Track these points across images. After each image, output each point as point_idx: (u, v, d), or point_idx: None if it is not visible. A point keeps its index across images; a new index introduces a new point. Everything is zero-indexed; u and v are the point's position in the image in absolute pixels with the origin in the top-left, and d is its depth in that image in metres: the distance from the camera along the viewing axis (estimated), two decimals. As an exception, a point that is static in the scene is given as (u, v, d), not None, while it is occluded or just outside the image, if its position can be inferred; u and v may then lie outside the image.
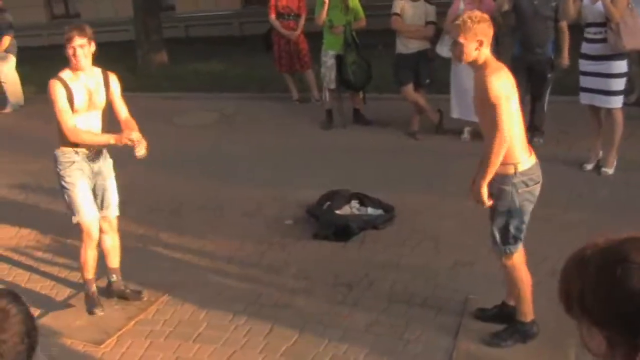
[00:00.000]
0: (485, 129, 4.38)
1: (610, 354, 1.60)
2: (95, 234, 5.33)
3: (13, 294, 1.94)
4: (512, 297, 4.79)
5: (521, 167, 4.29)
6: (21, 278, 6.15)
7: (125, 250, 5.95)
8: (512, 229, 4.40)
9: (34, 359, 1.92)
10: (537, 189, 4.40)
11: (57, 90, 4.98)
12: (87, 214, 5.25)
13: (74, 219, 5.28)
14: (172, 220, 7.12)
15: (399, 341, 4.81)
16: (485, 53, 4.24)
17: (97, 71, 5.20)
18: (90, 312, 5.41)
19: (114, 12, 18.12)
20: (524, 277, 4.56)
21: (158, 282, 5.88)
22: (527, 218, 4.45)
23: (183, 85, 12.83)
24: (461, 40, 4.22)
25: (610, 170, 7.27)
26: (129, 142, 5.06)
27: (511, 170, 4.28)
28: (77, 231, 5.42)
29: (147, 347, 5.01)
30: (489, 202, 4.36)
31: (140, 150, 5.12)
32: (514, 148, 4.26)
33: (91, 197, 5.28)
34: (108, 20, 17.53)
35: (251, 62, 13.28)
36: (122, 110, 5.35)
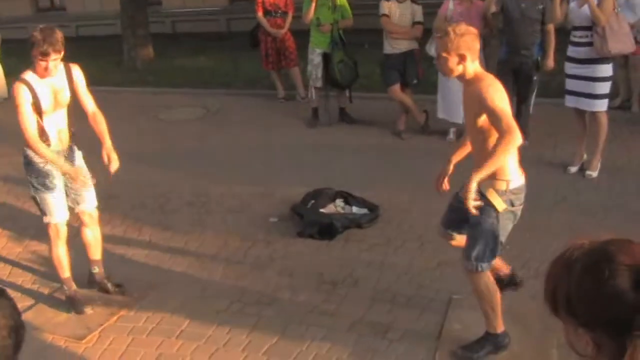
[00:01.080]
0: (477, 141, 4.26)
1: (597, 355, 1.60)
2: (63, 233, 5.30)
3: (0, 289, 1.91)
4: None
5: (512, 185, 4.17)
6: (2, 272, 6.10)
7: (109, 245, 5.93)
8: (489, 246, 4.29)
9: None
10: (519, 211, 4.29)
11: (21, 94, 4.84)
12: (57, 215, 5.22)
13: (45, 219, 5.25)
14: (157, 216, 7.09)
15: (382, 340, 4.81)
16: (472, 67, 4.13)
17: (60, 67, 5.03)
18: (79, 312, 5.35)
19: (100, 5, 18.02)
20: (492, 291, 4.45)
21: (141, 278, 5.85)
22: (504, 239, 4.35)
23: (169, 80, 12.78)
24: (444, 54, 4.11)
25: (594, 174, 7.30)
26: (81, 184, 5.11)
27: (503, 186, 4.15)
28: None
29: (130, 343, 4.98)
30: (475, 203, 4.08)
31: (114, 166, 5.20)
32: (509, 164, 4.14)
33: (62, 196, 5.22)
34: (94, 14, 17.44)
35: (237, 58, 13.26)
36: (89, 104, 5.24)
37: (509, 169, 4.17)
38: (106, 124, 5.26)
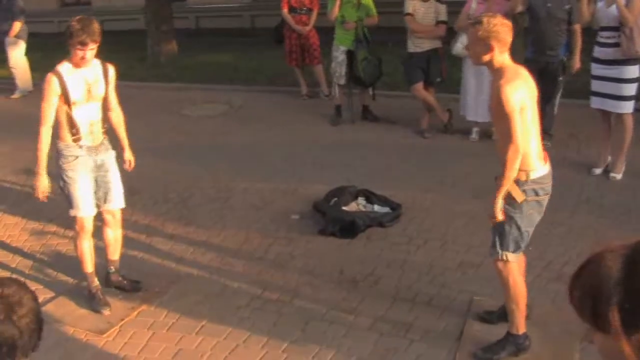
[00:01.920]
0: (499, 135, 4.35)
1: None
2: (89, 227, 5.34)
3: (17, 282, 1.96)
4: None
5: (533, 175, 4.20)
6: (25, 265, 6.14)
7: (131, 240, 5.95)
8: (513, 235, 4.31)
9: None
10: (545, 200, 4.32)
11: (50, 86, 4.96)
12: (84, 209, 5.25)
13: (72, 212, 5.29)
14: (179, 211, 7.11)
15: (402, 340, 4.79)
16: (500, 59, 4.18)
17: (96, 62, 5.15)
18: (97, 311, 5.35)
19: (125, 0, 18.09)
20: (519, 288, 4.45)
21: (162, 273, 5.87)
22: (531, 229, 4.37)
23: (192, 76, 12.81)
24: (474, 42, 4.20)
25: (618, 176, 7.23)
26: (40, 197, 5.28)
27: (523, 177, 4.20)
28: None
29: (150, 338, 5.00)
30: (501, 217, 4.23)
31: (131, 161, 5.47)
32: (528, 155, 4.18)
33: (91, 192, 5.26)
34: (119, 8, 17.54)
35: (261, 55, 13.26)
36: (113, 100, 5.37)
37: (530, 159, 4.21)
38: (129, 119, 5.35)
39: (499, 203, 4.19)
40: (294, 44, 10.62)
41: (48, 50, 13.36)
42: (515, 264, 4.42)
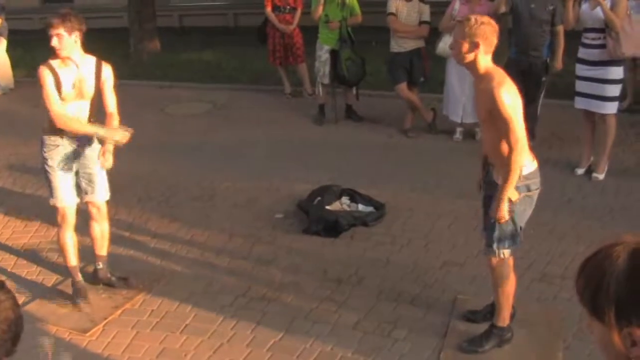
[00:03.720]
0: (489, 136, 4.34)
1: None
2: (71, 218, 5.32)
3: (0, 282, 1.91)
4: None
5: (524, 171, 4.24)
6: (7, 264, 6.10)
7: (114, 238, 5.92)
8: (509, 232, 4.36)
9: (58, 357, 1.91)
10: (536, 195, 4.38)
11: (45, 75, 4.97)
12: (64, 198, 5.24)
13: (51, 202, 5.29)
14: (162, 209, 7.08)
15: (386, 339, 4.80)
16: (484, 60, 4.18)
17: (91, 60, 5.15)
18: (74, 303, 5.35)
19: (109, -2, 17.99)
20: (510, 283, 4.52)
21: (146, 272, 5.85)
22: (523, 225, 4.43)
23: (175, 74, 12.76)
24: (458, 39, 4.20)
25: (601, 176, 7.28)
26: (115, 141, 5.13)
27: None
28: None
29: (133, 337, 4.98)
30: (508, 217, 4.28)
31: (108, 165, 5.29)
32: None
33: (71, 182, 5.26)
34: (102, 6, 17.40)
35: (245, 53, 13.23)
36: (110, 103, 5.31)
37: None
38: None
39: (505, 204, 4.22)
40: (277, 43, 10.59)
41: (29, 48, 13.29)
42: (509, 260, 4.48)
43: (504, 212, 4.24)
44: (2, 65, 12.16)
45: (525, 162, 4.24)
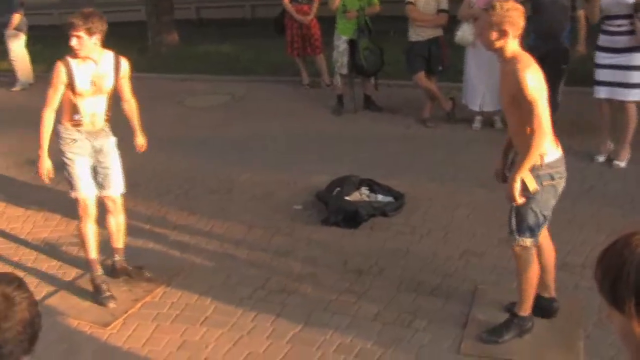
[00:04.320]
0: (512, 121, 4.31)
1: None
2: (91, 210, 5.34)
3: (18, 280, 1.92)
4: (544, 290, 4.72)
5: (547, 159, 4.19)
6: (28, 258, 6.14)
7: (133, 232, 5.94)
8: (529, 220, 4.31)
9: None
10: (561, 184, 4.32)
11: (58, 74, 5.01)
12: (83, 189, 5.26)
13: (72, 194, 5.32)
14: (181, 202, 7.10)
15: (406, 330, 4.78)
16: (512, 45, 4.15)
17: (109, 56, 5.17)
18: (102, 304, 5.31)
19: (126, -8, 18.02)
20: (534, 272, 4.47)
21: (165, 264, 5.86)
22: (548, 213, 4.36)
23: (193, 67, 12.78)
24: (487, 28, 4.15)
25: (622, 164, 7.21)
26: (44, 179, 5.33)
27: (537, 161, 4.19)
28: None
29: (154, 330, 4.99)
30: (520, 200, 4.23)
31: (141, 144, 5.64)
32: None
33: (89, 174, 5.29)
34: (120, 0, 17.44)
35: (262, 45, 13.22)
36: (127, 91, 5.41)
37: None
38: None
39: (518, 185, 4.18)
40: (295, 34, 10.57)
41: (48, 43, 13.35)
42: (531, 248, 4.42)
43: (516, 192, 4.19)
44: (21, 61, 12.24)
45: (548, 150, 4.19)
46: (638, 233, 1.63)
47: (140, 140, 5.63)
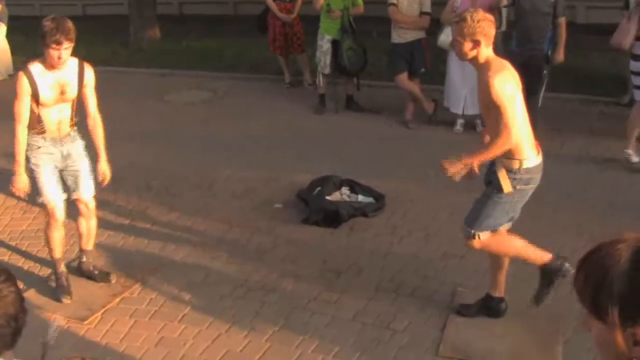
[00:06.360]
0: (488, 124, 4.46)
1: None
2: (59, 215, 5.30)
3: (7, 273, 1.88)
4: (495, 289, 4.79)
5: (526, 164, 4.30)
6: (5, 251, 6.10)
7: (113, 227, 5.90)
8: (492, 219, 4.42)
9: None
10: (531, 191, 4.44)
11: (21, 85, 4.94)
12: (49, 195, 5.22)
13: (38, 199, 5.28)
14: (162, 198, 7.06)
15: (386, 330, 4.80)
16: (485, 53, 4.27)
17: (73, 63, 5.07)
18: (57, 299, 5.32)
19: (108, -15, 17.89)
20: (505, 242, 4.57)
21: (144, 260, 5.84)
22: (513, 215, 4.48)
23: (175, 62, 12.69)
24: (459, 39, 4.27)
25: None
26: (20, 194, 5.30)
27: (516, 165, 4.30)
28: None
29: (132, 326, 4.98)
30: (456, 178, 4.42)
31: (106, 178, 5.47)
32: (521, 144, 4.27)
33: (55, 179, 5.24)
34: (102, -7, 17.34)
35: (244, 42, 13.16)
36: (91, 106, 5.30)
37: (523, 148, 4.30)
38: (112, 104, 5.30)
39: (461, 166, 4.35)
40: (278, 32, 10.53)
41: (29, 34, 13.20)
42: (490, 236, 4.50)
43: (456, 170, 4.37)
44: (1, 51, 12.09)
45: (529, 155, 4.27)
46: (620, 241, 1.62)
47: (104, 167, 5.40)
